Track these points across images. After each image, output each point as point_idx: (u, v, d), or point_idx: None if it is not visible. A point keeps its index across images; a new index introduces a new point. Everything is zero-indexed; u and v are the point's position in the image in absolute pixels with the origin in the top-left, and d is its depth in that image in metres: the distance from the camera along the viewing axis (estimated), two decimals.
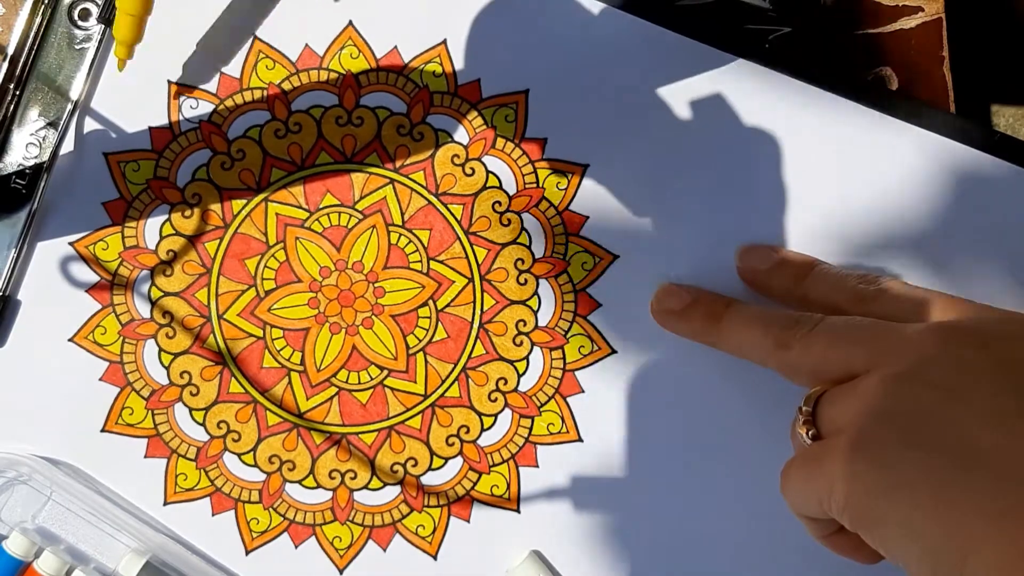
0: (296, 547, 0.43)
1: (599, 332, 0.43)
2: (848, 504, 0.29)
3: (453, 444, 0.43)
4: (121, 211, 0.43)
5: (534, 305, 0.43)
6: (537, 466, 0.43)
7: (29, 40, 0.42)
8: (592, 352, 0.43)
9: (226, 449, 0.43)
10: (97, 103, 0.43)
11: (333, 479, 0.43)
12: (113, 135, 0.43)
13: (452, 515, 0.43)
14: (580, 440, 0.43)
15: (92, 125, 0.43)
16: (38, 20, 0.42)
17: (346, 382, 0.43)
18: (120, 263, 0.43)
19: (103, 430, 0.43)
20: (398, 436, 0.43)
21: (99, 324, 0.43)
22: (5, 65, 0.42)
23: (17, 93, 0.42)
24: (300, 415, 0.43)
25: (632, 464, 0.43)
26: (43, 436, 0.43)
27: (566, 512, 0.43)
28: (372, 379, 0.43)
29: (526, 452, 0.43)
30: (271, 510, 0.43)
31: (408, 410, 0.43)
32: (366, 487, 0.43)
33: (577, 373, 0.43)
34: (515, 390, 0.43)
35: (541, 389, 0.43)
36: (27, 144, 0.42)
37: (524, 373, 0.43)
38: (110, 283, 0.43)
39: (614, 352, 0.43)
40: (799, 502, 0.32)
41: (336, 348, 0.43)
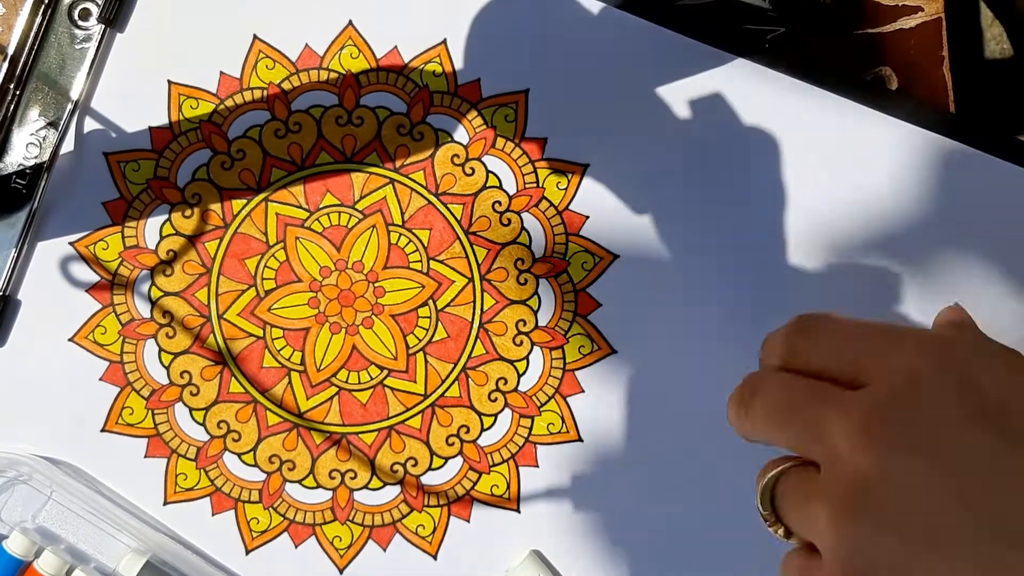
0: (296, 547, 0.43)
1: (599, 332, 0.43)
2: None
3: (453, 444, 0.43)
4: (121, 211, 0.43)
5: (534, 305, 0.43)
6: (537, 466, 0.43)
7: (29, 40, 0.42)
8: (592, 352, 0.43)
9: (226, 449, 0.43)
10: (97, 103, 0.43)
11: (333, 479, 0.43)
12: (113, 135, 0.43)
13: (452, 515, 0.43)
14: (580, 440, 0.43)
15: (92, 125, 0.43)
16: (38, 20, 0.42)
17: (346, 382, 0.43)
18: (120, 263, 0.43)
19: (103, 430, 0.43)
20: (398, 436, 0.43)
21: (99, 324, 0.43)
22: (5, 65, 0.42)
23: (17, 93, 0.42)
24: (300, 415, 0.43)
25: (632, 464, 0.43)
26: (43, 436, 0.43)
27: (566, 512, 0.43)
28: (372, 379, 0.43)
29: (526, 452, 0.43)
30: (271, 510, 0.43)
31: (408, 410, 0.43)
32: (366, 487, 0.43)
33: (577, 373, 0.43)
34: (515, 390, 0.43)
35: (541, 389, 0.43)
36: (27, 144, 0.42)
37: (524, 373, 0.43)
38: (110, 283, 0.43)
39: (614, 352, 0.43)
40: None
41: (336, 348, 0.43)
